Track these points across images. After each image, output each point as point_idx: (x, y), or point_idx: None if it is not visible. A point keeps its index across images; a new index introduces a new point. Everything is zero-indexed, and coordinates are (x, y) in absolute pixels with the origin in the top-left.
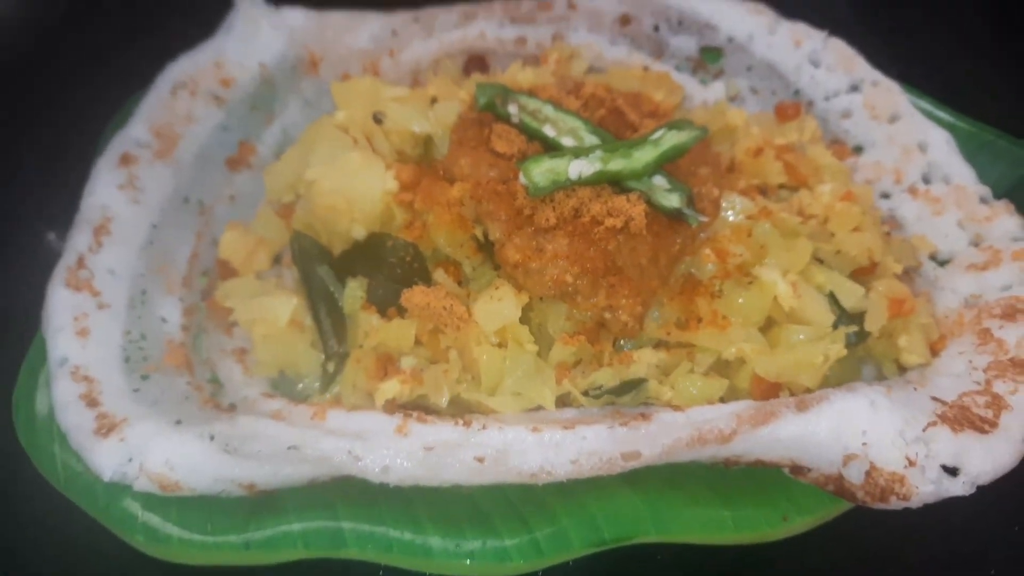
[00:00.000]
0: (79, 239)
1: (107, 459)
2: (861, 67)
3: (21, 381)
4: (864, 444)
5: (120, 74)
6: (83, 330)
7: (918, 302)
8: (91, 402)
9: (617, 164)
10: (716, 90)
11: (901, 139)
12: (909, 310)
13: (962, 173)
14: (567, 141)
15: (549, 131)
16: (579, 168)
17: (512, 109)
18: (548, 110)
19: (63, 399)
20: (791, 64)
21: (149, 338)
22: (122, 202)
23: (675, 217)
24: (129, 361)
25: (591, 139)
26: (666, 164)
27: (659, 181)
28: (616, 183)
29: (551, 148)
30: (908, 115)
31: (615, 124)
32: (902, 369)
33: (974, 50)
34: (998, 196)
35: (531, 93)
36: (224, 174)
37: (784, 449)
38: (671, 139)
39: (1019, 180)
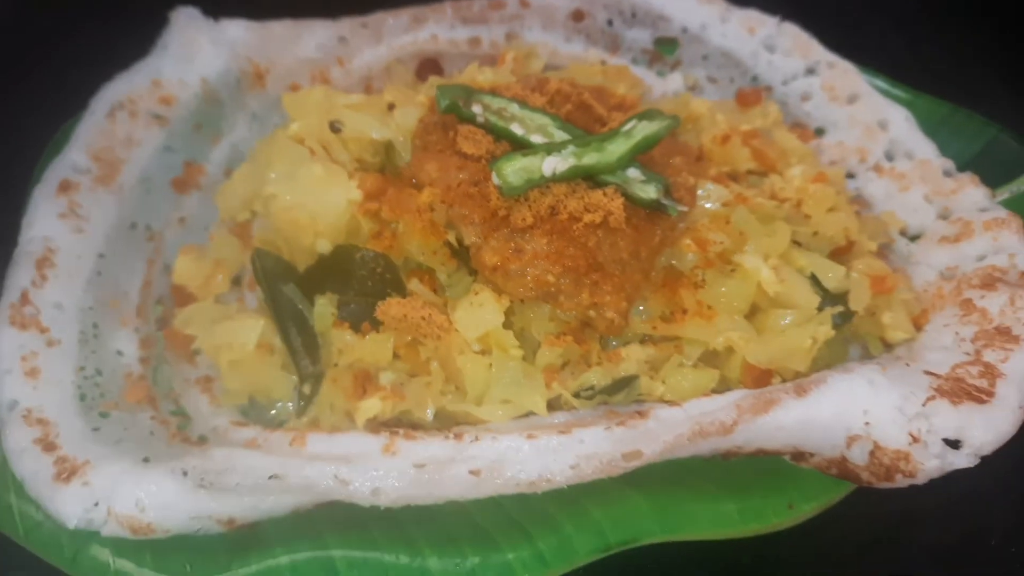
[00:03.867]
0: (21, 274)
1: (70, 506)
2: (816, 50)
3: None
4: (866, 424)
5: (49, 102)
6: (33, 370)
7: (898, 278)
8: (48, 446)
9: (591, 158)
10: (674, 81)
11: (862, 119)
12: (891, 287)
13: (924, 148)
14: (537, 138)
15: (517, 129)
16: (553, 164)
17: (477, 109)
18: (514, 108)
19: (17, 445)
20: (746, 51)
21: (105, 374)
22: (65, 232)
23: (653, 209)
24: (85, 399)
25: (561, 135)
26: (639, 155)
27: (634, 173)
28: (590, 178)
29: (520, 146)
30: (866, 95)
31: (583, 119)
32: (888, 346)
33: (913, 27)
34: (960, 169)
35: (494, 92)
36: (172, 197)
37: (786, 436)
38: (643, 130)
39: (979, 152)
